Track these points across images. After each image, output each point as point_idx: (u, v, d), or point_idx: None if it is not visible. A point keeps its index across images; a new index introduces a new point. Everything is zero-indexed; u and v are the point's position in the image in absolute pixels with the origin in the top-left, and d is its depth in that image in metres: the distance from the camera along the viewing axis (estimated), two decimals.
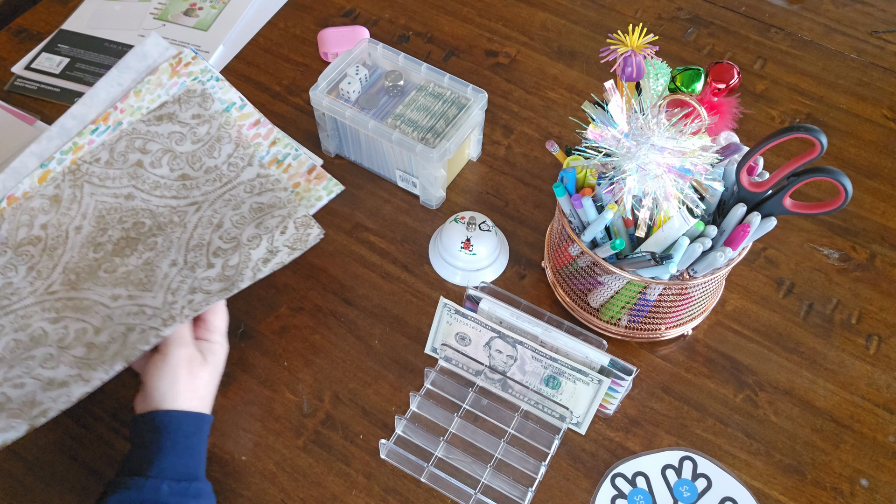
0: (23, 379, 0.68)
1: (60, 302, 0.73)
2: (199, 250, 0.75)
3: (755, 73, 1.01)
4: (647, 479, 0.71)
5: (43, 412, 0.65)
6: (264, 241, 0.74)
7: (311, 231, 0.75)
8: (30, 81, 0.98)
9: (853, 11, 1.08)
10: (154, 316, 0.70)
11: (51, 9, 1.07)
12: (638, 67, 0.66)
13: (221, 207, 0.78)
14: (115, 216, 0.78)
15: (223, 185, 0.79)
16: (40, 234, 0.76)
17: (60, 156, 0.80)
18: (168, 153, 0.81)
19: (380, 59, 0.90)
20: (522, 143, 0.93)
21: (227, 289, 0.71)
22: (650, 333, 0.76)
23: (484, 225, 0.81)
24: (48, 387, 0.67)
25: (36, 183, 0.79)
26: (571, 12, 1.07)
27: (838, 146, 0.94)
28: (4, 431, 0.64)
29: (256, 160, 0.81)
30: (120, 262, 0.75)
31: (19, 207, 0.77)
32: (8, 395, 0.67)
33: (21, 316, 0.72)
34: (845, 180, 0.59)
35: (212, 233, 0.76)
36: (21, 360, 0.69)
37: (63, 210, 0.78)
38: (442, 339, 0.74)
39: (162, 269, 0.74)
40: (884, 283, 0.83)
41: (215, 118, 0.82)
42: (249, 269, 0.72)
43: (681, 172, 0.61)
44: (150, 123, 0.82)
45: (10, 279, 0.74)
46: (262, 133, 0.83)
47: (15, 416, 0.65)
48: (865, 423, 0.74)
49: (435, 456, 0.70)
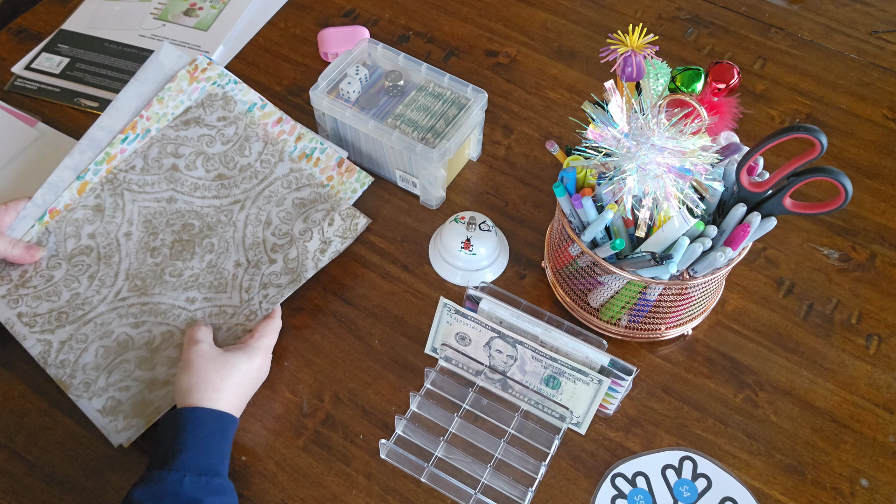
0: (125, 382, 0.73)
1: (135, 307, 0.76)
2: (256, 248, 0.78)
3: (755, 73, 1.01)
4: (647, 479, 0.71)
5: (156, 410, 0.72)
6: (315, 233, 0.78)
7: (359, 221, 0.79)
8: (30, 81, 0.98)
9: (853, 11, 1.08)
10: (235, 314, 0.75)
11: (51, 9, 1.07)
12: (638, 67, 0.66)
13: (265, 205, 0.81)
14: (161, 220, 0.80)
15: (260, 182, 0.82)
16: (90, 243, 0.79)
17: (95, 167, 0.82)
18: (201, 155, 0.83)
19: (380, 59, 0.90)
20: (522, 143, 0.93)
21: (295, 280, 0.76)
22: (650, 333, 0.76)
23: (484, 225, 0.81)
24: (152, 387, 0.72)
25: (76, 195, 0.81)
26: (571, 12, 1.07)
27: (838, 146, 0.94)
28: (126, 430, 0.71)
29: (287, 155, 0.83)
30: (182, 265, 0.78)
31: (63, 220, 0.80)
32: (117, 398, 0.72)
33: (100, 324, 0.75)
34: (845, 180, 0.59)
35: (263, 230, 0.79)
36: (117, 365, 0.73)
37: (108, 218, 0.80)
38: (442, 339, 0.74)
39: (228, 269, 0.77)
40: (884, 283, 0.83)
41: (240, 119, 0.85)
42: (310, 260, 0.77)
43: (681, 172, 0.61)
44: (179, 129, 0.84)
45: (76, 290, 0.77)
46: (287, 129, 0.85)
47: (130, 417, 0.71)
48: (865, 423, 0.74)
49: (435, 456, 0.70)
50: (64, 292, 0.76)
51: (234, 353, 0.69)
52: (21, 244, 0.77)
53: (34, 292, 0.76)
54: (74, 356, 0.73)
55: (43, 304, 0.76)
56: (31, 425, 0.73)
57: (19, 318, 0.75)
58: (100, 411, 0.71)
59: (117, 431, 0.71)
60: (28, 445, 0.72)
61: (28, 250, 0.77)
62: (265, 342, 0.72)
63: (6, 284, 0.77)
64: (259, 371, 0.71)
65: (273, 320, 0.74)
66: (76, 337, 0.74)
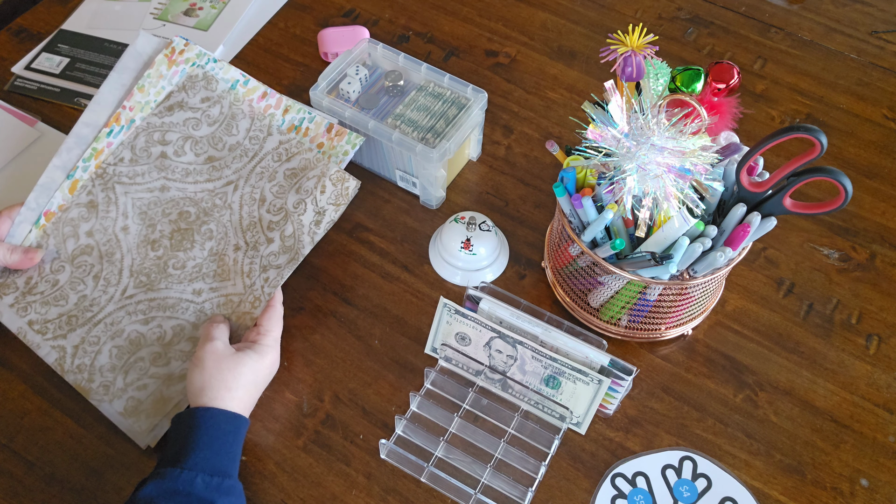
0: (143, 381, 0.73)
1: (143, 304, 0.76)
2: (253, 229, 0.77)
3: (755, 73, 1.01)
4: (647, 479, 0.71)
5: (176, 406, 0.72)
6: (309, 204, 0.76)
7: (349, 184, 0.77)
8: (30, 81, 0.98)
9: (853, 11, 1.08)
10: (241, 302, 0.75)
11: (51, 9, 1.07)
12: (638, 67, 0.66)
13: (258, 182, 0.79)
14: (157, 210, 0.80)
15: (251, 160, 0.81)
16: (90, 242, 0.78)
17: (84, 164, 0.81)
18: (189, 139, 0.82)
19: (380, 59, 0.90)
20: (522, 143, 0.93)
21: (294, 259, 0.75)
22: (650, 333, 0.76)
23: (484, 225, 0.81)
24: (169, 382, 0.73)
25: (68, 194, 0.80)
26: (571, 12, 1.07)
27: (838, 146, 0.94)
28: (151, 430, 0.71)
29: (275, 129, 0.82)
30: (185, 256, 0.77)
31: (60, 221, 0.79)
32: (137, 398, 0.72)
33: (110, 324, 0.75)
34: (845, 180, 0.59)
35: (259, 209, 0.78)
36: (132, 364, 0.73)
37: (102, 214, 0.80)
38: (442, 339, 0.74)
39: (229, 255, 0.77)
40: (884, 283, 0.83)
41: (224, 97, 0.83)
42: (306, 235, 0.75)
43: (681, 172, 0.61)
44: (163, 115, 0.83)
45: (82, 292, 0.77)
46: (273, 104, 0.83)
47: (152, 416, 0.71)
48: (865, 423, 0.74)
49: (435, 456, 0.70)
50: (71, 295, 0.76)
51: (245, 353, 0.69)
52: (19, 249, 0.76)
53: (41, 298, 0.76)
54: (90, 359, 0.73)
55: (52, 310, 0.75)
56: (31, 425, 0.73)
57: (30, 325, 0.75)
58: (122, 413, 0.71)
59: (142, 432, 0.71)
60: (28, 445, 0.72)
61: (26, 254, 0.76)
62: (272, 336, 0.72)
63: (13, 293, 0.76)
64: (270, 367, 0.71)
65: (275, 309, 0.74)
66: (88, 339, 0.74)
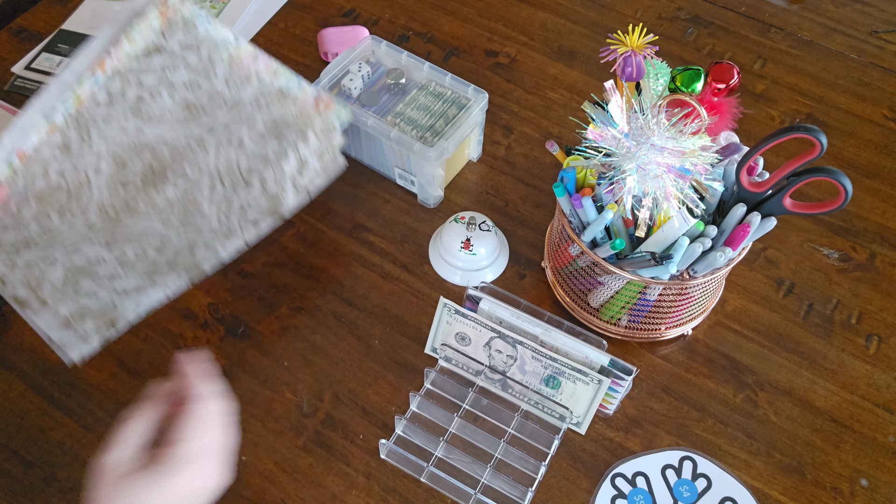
0: (95, 290, 0.71)
1: (107, 233, 0.74)
2: (231, 173, 0.75)
3: (755, 73, 1.01)
4: (647, 479, 0.71)
5: (123, 316, 0.70)
6: (290, 153, 0.74)
7: (333, 136, 0.75)
8: (30, 81, 0.98)
9: (853, 11, 1.08)
10: (214, 232, 0.73)
11: (51, 9, 1.07)
12: (638, 67, 0.66)
13: (236, 126, 0.78)
14: (131, 152, 0.78)
15: (231, 109, 0.79)
16: (59, 181, 0.76)
17: (63, 107, 0.77)
18: (165, 84, 0.79)
19: (383, 57, 0.90)
20: (522, 143, 0.93)
21: (275, 209, 0.73)
22: (650, 333, 0.76)
23: (484, 225, 0.81)
24: (124, 295, 0.71)
25: (44, 136, 0.77)
26: (571, 12, 1.07)
27: (838, 146, 0.94)
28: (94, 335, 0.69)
29: (254, 76, 0.79)
30: (156, 194, 0.75)
31: (31, 160, 0.76)
32: (87, 305, 0.70)
33: (68, 245, 0.73)
34: (845, 180, 0.59)
35: (236, 152, 0.76)
36: (85, 274, 0.71)
37: (75, 156, 0.77)
38: (442, 339, 0.74)
39: (204, 194, 0.75)
40: (884, 283, 0.83)
41: (203, 43, 0.80)
42: (289, 183, 0.74)
43: (681, 172, 0.61)
44: (141, 61, 0.80)
45: (47, 226, 0.74)
46: (262, 69, 0.80)
47: (101, 328, 0.70)
48: (865, 423, 0.74)
49: (435, 456, 0.70)
50: (33, 225, 0.74)
51: (144, 475, 0.48)
52: None
53: (0, 225, 0.73)
54: (39, 271, 0.71)
55: (10, 234, 0.72)
56: (31, 425, 0.73)
57: None
58: (65, 320, 0.68)
59: (79, 339, 0.68)
60: (28, 445, 0.72)
61: None
62: (191, 447, 0.49)
63: None
64: (194, 487, 0.49)
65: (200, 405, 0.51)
66: (44, 257, 0.71)
